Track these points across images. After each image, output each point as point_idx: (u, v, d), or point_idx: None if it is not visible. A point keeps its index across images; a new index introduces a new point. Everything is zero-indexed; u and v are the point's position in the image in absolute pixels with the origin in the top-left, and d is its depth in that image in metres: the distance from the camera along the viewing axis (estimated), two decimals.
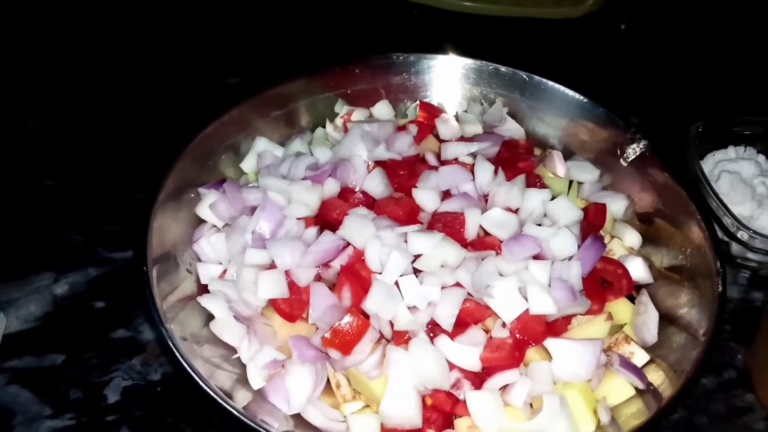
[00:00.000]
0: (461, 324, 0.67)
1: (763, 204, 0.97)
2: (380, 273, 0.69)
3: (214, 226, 0.82)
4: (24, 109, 1.14)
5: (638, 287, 0.79)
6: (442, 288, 0.68)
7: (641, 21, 1.42)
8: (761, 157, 1.05)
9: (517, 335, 0.67)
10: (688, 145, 0.98)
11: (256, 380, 0.70)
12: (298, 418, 0.68)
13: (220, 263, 0.79)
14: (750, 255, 0.91)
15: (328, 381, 0.71)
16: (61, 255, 0.93)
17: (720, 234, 0.93)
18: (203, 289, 0.77)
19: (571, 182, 0.89)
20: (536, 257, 0.72)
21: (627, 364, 0.68)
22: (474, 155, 0.83)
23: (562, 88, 0.93)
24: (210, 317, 0.75)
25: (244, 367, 0.71)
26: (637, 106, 1.19)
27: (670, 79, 1.29)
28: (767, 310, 0.83)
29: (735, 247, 0.92)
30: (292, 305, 0.71)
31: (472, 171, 0.81)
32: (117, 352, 0.83)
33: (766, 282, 0.93)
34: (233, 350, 0.73)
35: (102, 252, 0.94)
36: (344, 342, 0.65)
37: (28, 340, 0.83)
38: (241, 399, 0.67)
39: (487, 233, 0.75)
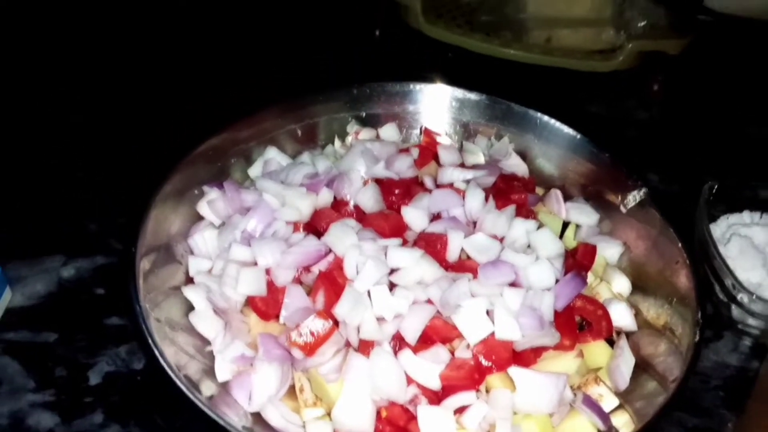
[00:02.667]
0: (427, 340, 0.67)
1: None
2: None
3: (212, 223, 0.85)
4: (68, 105, 1.21)
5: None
6: (413, 303, 0.68)
7: (674, 83, 1.42)
8: None
9: (481, 358, 0.66)
10: (699, 204, 0.97)
11: (222, 373, 0.71)
12: (257, 416, 0.69)
13: (211, 259, 0.81)
14: (751, 321, 0.88)
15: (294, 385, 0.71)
16: (76, 241, 0.97)
17: (721, 295, 0.90)
18: (190, 282, 0.80)
19: (568, 224, 0.89)
20: (513, 285, 0.71)
21: (590, 403, 0.66)
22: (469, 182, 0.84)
23: (569, 130, 0.93)
24: (191, 309, 0.77)
25: (213, 359, 0.73)
26: (657, 163, 1.18)
27: (695, 141, 1.27)
28: (759, 380, 0.80)
29: (736, 311, 0.89)
30: (267, 304, 0.73)
31: (465, 197, 0.82)
32: (107, 338, 0.85)
33: (765, 350, 0.89)
34: (206, 343, 0.74)
35: (113, 242, 0.97)
36: (308, 342, 0.66)
37: (28, 316, 0.87)
38: (206, 390, 0.68)
39: (470, 257, 0.76)
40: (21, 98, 1.21)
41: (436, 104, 1.00)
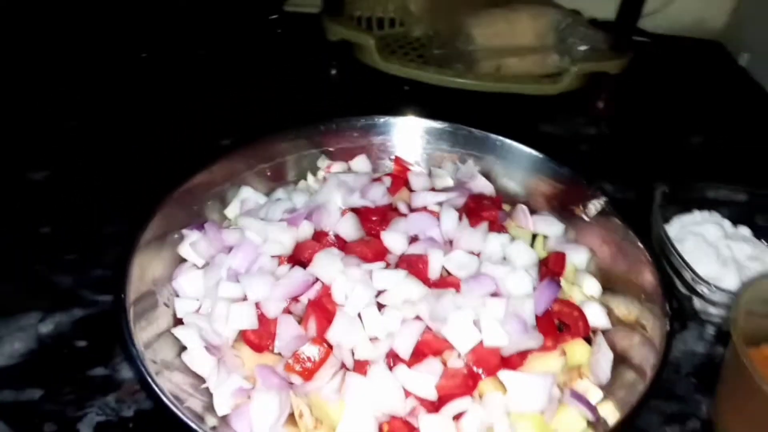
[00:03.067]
0: (419, 354, 0.70)
1: (727, 265, 1.01)
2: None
3: (195, 265, 0.86)
4: (27, 161, 1.21)
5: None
6: (403, 321, 0.71)
7: (618, 100, 1.51)
8: (726, 222, 1.10)
9: (472, 366, 0.69)
10: (653, 208, 1.04)
11: (221, 407, 0.72)
12: None
13: (197, 300, 0.83)
14: (711, 309, 0.94)
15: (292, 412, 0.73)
16: (50, 296, 0.96)
17: (682, 289, 0.96)
18: (178, 323, 0.81)
19: (536, 236, 0.94)
20: (494, 295, 0.75)
21: (577, 395, 0.70)
22: (441, 204, 0.88)
23: (529, 150, 0.99)
24: (182, 350, 0.78)
25: (210, 396, 0.74)
26: (610, 173, 1.25)
27: (642, 151, 1.36)
28: (725, 365, 0.85)
29: (697, 303, 0.95)
30: (260, 336, 0.74)
31: (439, 218, 0.86)
32: (93, 389, 0.85)
33: (729, 337, 0.95)
34: (201, 380, 0.76)
35: (89, 295, 0.97)
36: (306, 368, 0.68)
37: (9, 376, 0.86)
38: (208, 423, 0.69)
39: (450, 274, 0.79)
40: None
41: (401, 134, 1.05)
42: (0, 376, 0.86)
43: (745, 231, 1.09)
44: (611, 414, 0.70)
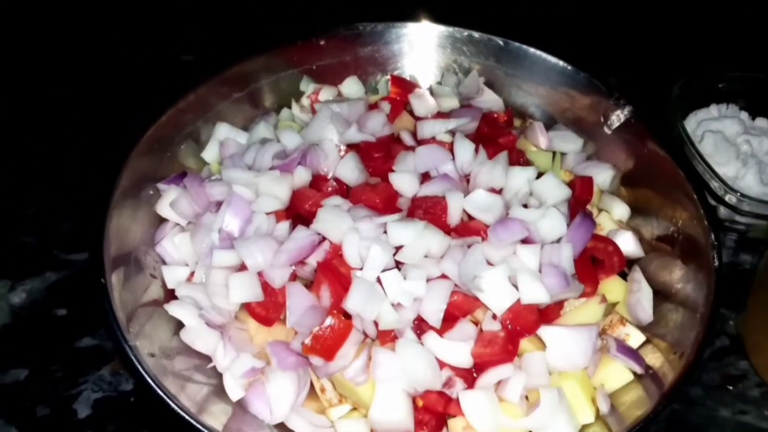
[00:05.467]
0: (449, 318, 0.63)
1: (747, 163, 0.94)
2: (360, 269, 0.65)
3: (178, 224, 0.76)
4: None
5: (629, 262, 0.76)
6: (427, 281, 0.63)
7: None
8: (744, 114, 1.02)
9: (509, 326, 0.63)
10: (672, 105, 0.95)
11: (234, 391, 0.65)
12: (281, 427, 0.64)
13: (187, 265, 0.73)
14: (738, 218, 0.89)
15: (312, 385, 0.66)
16: (16, 260, 0.86)
17: (708, 198, 0.90)
18: (170, 294, 0.72)
19: (554, 153, 0.85)
20: (524, 241, 0.67)
21: (624, 348, 0.65)
22: (452, 132, 0.78)
23: (541, 53, 0.88)
24: (180, 325, 0.70)
25: (220, 376, 0.67)
26: (614, 67, 1.14)
27: (647, 40, 1.24)
28: (758, 274, 0.80)
29: (723, 211, 0.89)
30: (267, 308, 0.66)
31: (450, 149, 0.76)
32: (84, 363, 0.77)
33: (754, 244, 0.90)
34: (207, 359, 0.68)
35: (60, 254, 0.87)
36: (326, 347, 0.61)
37: None
38: (219, 411, 0.63)
39: (471, 217, 0.71)
40: None
41: (392, 44, 0.91)
42: None
43: (763, 123, 1.02)
44: (659, 362, 0.64)
